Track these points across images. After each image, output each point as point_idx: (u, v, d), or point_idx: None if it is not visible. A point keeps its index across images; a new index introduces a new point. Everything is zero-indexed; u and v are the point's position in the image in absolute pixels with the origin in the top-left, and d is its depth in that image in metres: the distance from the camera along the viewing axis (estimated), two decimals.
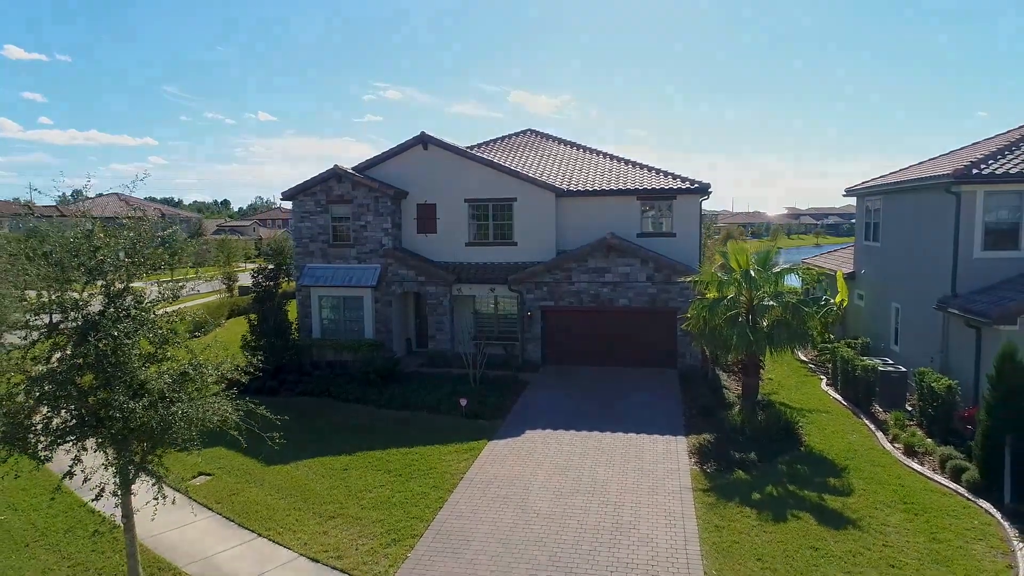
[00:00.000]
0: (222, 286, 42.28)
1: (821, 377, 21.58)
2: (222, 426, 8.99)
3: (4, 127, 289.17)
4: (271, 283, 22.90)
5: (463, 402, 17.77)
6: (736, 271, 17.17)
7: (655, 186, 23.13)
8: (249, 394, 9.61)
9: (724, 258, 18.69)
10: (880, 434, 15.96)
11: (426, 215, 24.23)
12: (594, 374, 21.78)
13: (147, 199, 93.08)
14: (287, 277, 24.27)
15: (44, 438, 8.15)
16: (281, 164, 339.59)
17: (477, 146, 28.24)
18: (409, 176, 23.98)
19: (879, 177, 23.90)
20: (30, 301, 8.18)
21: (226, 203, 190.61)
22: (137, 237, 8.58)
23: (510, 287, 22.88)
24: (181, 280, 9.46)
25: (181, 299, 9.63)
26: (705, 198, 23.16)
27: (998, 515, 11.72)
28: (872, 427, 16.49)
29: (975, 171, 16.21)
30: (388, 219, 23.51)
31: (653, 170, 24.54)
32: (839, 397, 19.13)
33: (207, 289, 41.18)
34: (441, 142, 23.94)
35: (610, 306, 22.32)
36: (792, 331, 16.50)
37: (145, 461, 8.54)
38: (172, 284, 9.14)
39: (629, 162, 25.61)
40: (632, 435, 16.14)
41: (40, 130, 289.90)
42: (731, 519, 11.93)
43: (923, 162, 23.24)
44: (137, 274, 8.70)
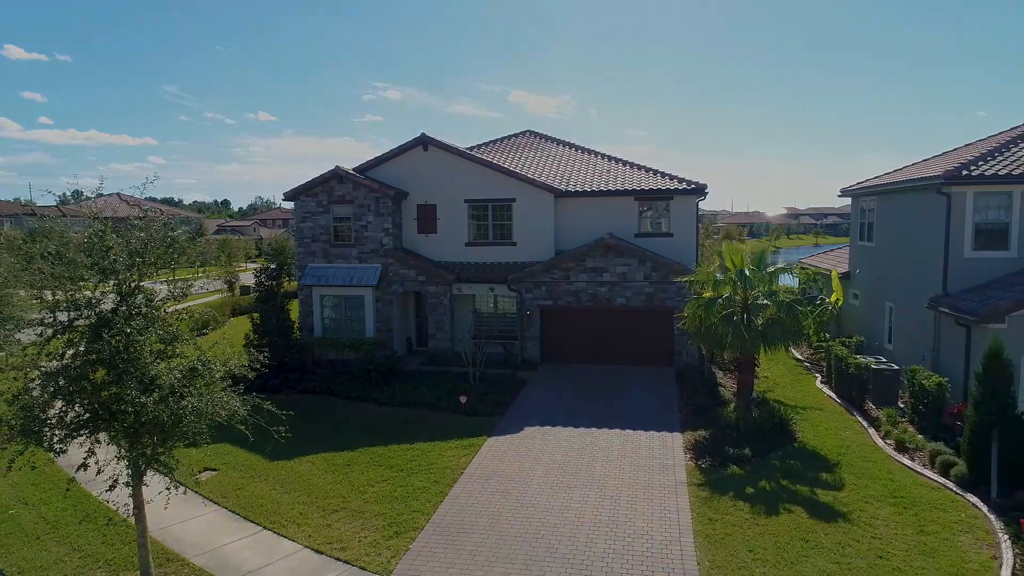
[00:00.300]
0: (223, 285, 42.60)
1: (816, 375, 21.87)
2: (230, 420, 9.28)
3: (4, 127, 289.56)
4: (273, 282, 23.19)
5: (463, 399, 18.06)
6: (731, 270, 17.45)
7: (652, 187, 23.41)
8: (252, 392, 9.86)
9: (720, 258, 18.97)
10: (872, 430, 16.27)
11: (426, 215, 24.52)
12: (592, 372, 22.07)
13: (147, 199, 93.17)
14: (289, 277, 24.55)
15: (59, 431, 8.45)
16: (281, 164, 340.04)
17: (477, 147, 28.52)
18: (409, 177, 24.29)
19: (874, 178, 24.19)
20: (45, 300, 8.47)
21: (226, 203, 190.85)
22: (148, 237, 8.87)
23: (509, 286, 23.18)
24: (189, 279, 9.72)
25: (188, 297, 9.92)
26: (702, 198, 23.44)
27: (985, 508, 12.03)
28: (865, 424, 16.80)
29: (965, 172, 16.51)
30: (389, 219, 23.80)
31: (650, 171, 24.82)
32: (833, 395, 19.43)
33: (208, 289, 41.46)
34: (441, 143, 24.23)
35: (608, 305, 22.62)
36: (786, 329, 16.77)
37: (156, 454, 8.84)
38: (182, 283, 9.44)
39: (627, 163, 25.90)
40: (629, 431, 16.45)
41: (40, 130, 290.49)
42: (724, 512, 12.23)
43: (917, 163, 23.54)
44: (147, 273, 9.00)
